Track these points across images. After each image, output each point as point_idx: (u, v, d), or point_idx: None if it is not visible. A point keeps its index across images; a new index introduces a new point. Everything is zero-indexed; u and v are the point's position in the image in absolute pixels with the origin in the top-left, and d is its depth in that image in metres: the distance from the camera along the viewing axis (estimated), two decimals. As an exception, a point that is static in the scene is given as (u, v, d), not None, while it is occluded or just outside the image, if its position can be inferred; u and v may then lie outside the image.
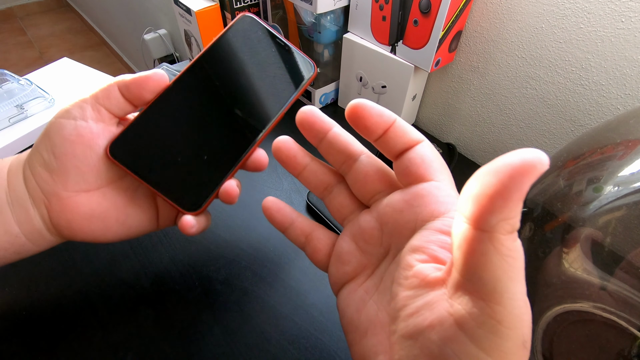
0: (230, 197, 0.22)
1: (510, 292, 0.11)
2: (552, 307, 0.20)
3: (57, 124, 0.21)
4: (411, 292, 0.15)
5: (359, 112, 0.18)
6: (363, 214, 0.20)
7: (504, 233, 0.11)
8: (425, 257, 0.16)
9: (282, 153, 0.21)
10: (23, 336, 0.28)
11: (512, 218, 0.11)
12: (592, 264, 0.18)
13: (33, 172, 0.21)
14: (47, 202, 0.21)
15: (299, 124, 0.20)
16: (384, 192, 0.19)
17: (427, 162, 0.17)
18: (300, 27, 0.47)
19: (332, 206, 0.21)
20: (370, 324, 0.17)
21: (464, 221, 0.12)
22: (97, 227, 0.22)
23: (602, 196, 0.19)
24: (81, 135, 0.21)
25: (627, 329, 0.17)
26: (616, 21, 0.31)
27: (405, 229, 0.17)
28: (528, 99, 0.39)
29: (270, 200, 0.22)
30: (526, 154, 0.10)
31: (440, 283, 0.14)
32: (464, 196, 0.12)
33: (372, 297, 0.18)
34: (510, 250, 0.11)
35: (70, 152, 0.21)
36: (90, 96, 0.21)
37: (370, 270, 0.19)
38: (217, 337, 0.28)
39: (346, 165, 0.20)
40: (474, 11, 0.39)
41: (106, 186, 0.22)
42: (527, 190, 0.10)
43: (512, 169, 0.10)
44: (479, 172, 0.11)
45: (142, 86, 0.21)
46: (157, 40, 1.12)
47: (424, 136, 0.18)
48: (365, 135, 0.19)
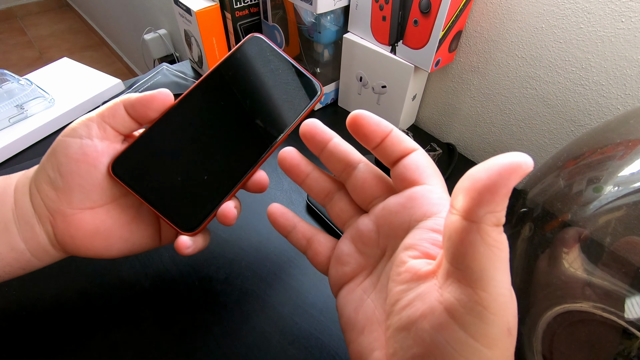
0: (227, 219, 0.23)
1: (495, 280, 0.12)
2: (552, 307, 0.20)
3: (64, 142, 0.21)
4: (404, 286, 0.16)
5: (358, 122, 0.19)
6: (361, 217, 0.21)
7: (491, 225, 0.12)
8: (417, 253, 0.17)
9: (286, 162, 0.23)
10: (23, 336, 0.28)
11: (498, 211, 0.12)
12: (592, 264, 0.18)
13: (39, 189, 0.22)
14: (52, 219, 0.22)
15: (302, 135, 0.21)
16: (381, 197, 0.20)
17: (421, 168, 0.19)
18: (300, 27, 0.47)
19: (333, 212, 0.23)
20: (368, 321, 0.18)
21: (454, 213, 0.13)
22: (101, 244, 0.23)
23: (602, 196, 0.19)
24: (86, 154, 0.21)
25: (627, 329, 0.17)
26: (616, 21, 0.31)
27: (400, 229, 0.18)
28: (528, 99, 0.39)
29: (275, 206, 0.24)
30: (514, 156, 0.11)
31: (431, 275, 0.15)
32: (456, 191, 0.13)
33: (369, 296, 0.19)
34: (496, 241, 0.12)
35: (75, 170, 0.21)
36: (96, 115, 0.22)
37: (368, 270, 0.20)
38: (217, 337, 0.28)
39: (346, 172, 0.21)
40: (474, 11, 0.39)
41: (110, 203, 0.23)
42: (512, 187, 0.11)
43: (500, 168, 0.11)
44: (470, 171, 0.12)
45: (148, 105, 0.22)
46: (157, 40, 1.12)
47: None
48: (364, 143, 0.20)
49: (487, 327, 0.13)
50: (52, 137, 0.47)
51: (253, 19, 0.52)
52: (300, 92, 0.24)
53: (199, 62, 0.57)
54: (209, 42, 0.52)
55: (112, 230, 0.23)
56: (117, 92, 0.53)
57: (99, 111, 0.22)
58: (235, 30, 0.52)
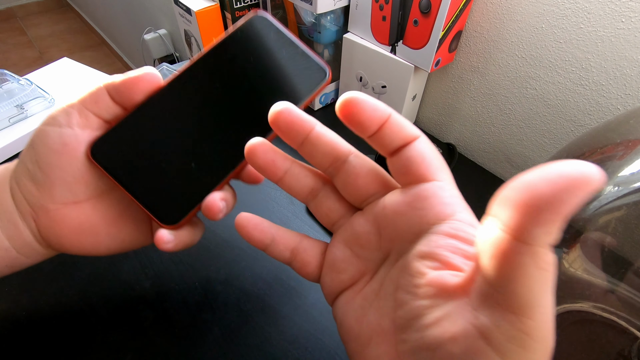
0: (211, 212, 0.20)
1: (542, 306, 0.11)
2: (552, 307, 0.20)
3: (42, 132, 0.19)
4: (427, 302, 0.14)
5: (351, 107, 0.16)
6: (356, 217, 0.19)
7: (545, 247, 0.10)
8: (437, 264, 0.15)
9: (257, 158, 0.18)
10: (23, 337, 0.28)
11: (555, 232, 0.10)
12: (592, 264, 0.18)
13: (19, 184, 0.20)
14: (34, 215, 0.20)
15: (274, 125, 0.17)
16: (378, 193, 0.18)
17: (428, 159, 0.16)
18: (300, 27, 0.47)
19: (320, 211, 0.20)
20: (373, 332, 0.17)
21: (501, 228, 0.11)
22: (88, 241, 0.21)
23: (602, 196, 0.19)
24: (66, 144, 0.19)
25: (627, 329, 0.17)
26: (616, 21, 0.31)
27: (408, 232, 0.16)
28: (528, 99, 0.39)
29: (243, 216, 0.20)
30: (583, 166, 0.09)
31: (460, 291, 0.13)
32: (502, 201, 0.11)
33: (372, 304, 0.17)
34: (548, 264, 0.11)
35: (56, 162, 0.19)
36: (77, 101, 0.20)
37: (368, 276, 0.18)
38: (217, 337, 0.28)
39: (333, 167, 0.18)
40: (474, 11, 0.39)
41: (95, 198, 0.21)
42: (580, 205, 0.09)
43: (568, 180, 0.09)
44: (524, 178, 0.10)
45: (133, 88, 0.20)
46: (157, 40, 1.12)
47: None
48: (359, 132, 0.17)
49: (530, 355, 0.11)
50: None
51: (253, 19, 0.52)
52: (305, 76, 0.22)
53: (199, 62, 0.57)
54: (209, 42, 0.52)
55: (99, 227, 0.21)
56: (117, 92, 0.53)
57: (79, 97, 0.20)
58: (235, 30, 0.52)
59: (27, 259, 0.22)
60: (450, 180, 0.17)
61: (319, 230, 0.37)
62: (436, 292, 0.14)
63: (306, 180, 0.19)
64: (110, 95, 0.20)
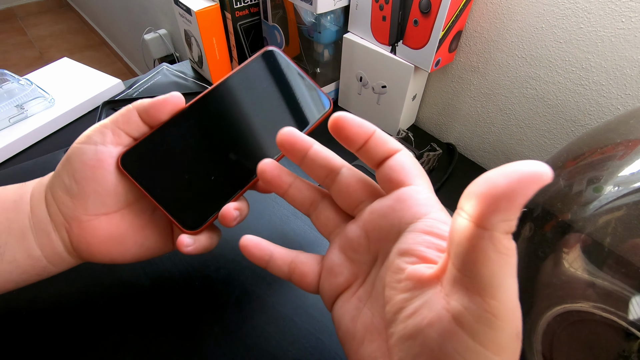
0: (225, 220, 0.23)
1: (505, 287, 0.12)
2: (552, 307, 0.20)
3: (79, 149, 0.21)
4: (407, 295, 0.16)
5: (340, 124, 0.19)
6: (349, 224, 0.21)
7: (503, 232, 0.12)
8: (414, 259, 0.16)
9: (266, 174, 0.22)
10: (23, 336, 0.28)
11: (511, 220, 0.12)
12: (592, 264, 0.18)
13: (55, 196, 0.22)
14: (67, 226, 0.22)
15: (280, 145, 0.21)
16: (367, 201, 0.20)
17: (407, 168, 0.19)
18: (300, 27, 0.47)
19: (319, 221, 0.22)
20: (367, 331, 0.18)
21: (466, 218, 0.12)
22: (116, 250, 0.23)
23: (602, 196, 0.19)
24: (101, 160, 0.21)
25: (627, 329, 0.17)
26: (616, 21, 0.31)
27: (390, 232, 0.18)
28: (528, 99, 0.39)
29: (247, 239, 0.22)
30: (535, 165, 0.11)
31: (435, 280, 0.15)
32: (468, 195, 0.12)
33: (365, 304, 0.19)
34: (507, 249, 0.12)
35: (91, 176, 0.21)
36: (110, 121, 0.22)
37: (361, 278, 0.20)
38: (217, 337, 0.28)
39: (329, 178, 0.21)
40: (474, 11, 0.39)
41: (124, 209, 0.23)
42: (531, 197, 0.11)
43: (521, 176, 0.11)
44: (486, 175, 0.12)
45: (160, 109, 0.22)
46: (157, 40, 1.12)
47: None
48: (348, 146, 0.20)
49: (497, 335, 0.13)
50: (53, 137, 0.47)
51: (253, 19, 0.52)
52: (311, 106, 0.25)
53: (199, 62, 0.57)
54: (209, 42, 0.52)
55: (127, 236, 0.23)
56: (117, 92, 0.53)
57: (112, 118, 0.22)
58: (235, 30, 0.52)
59: (54, 268, 0.24)
60: (428, 185, 0.19)
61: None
62: (414, 285, 0.16)
63: (308, 193, 0.22)
64: (139, 115, 0.22)
